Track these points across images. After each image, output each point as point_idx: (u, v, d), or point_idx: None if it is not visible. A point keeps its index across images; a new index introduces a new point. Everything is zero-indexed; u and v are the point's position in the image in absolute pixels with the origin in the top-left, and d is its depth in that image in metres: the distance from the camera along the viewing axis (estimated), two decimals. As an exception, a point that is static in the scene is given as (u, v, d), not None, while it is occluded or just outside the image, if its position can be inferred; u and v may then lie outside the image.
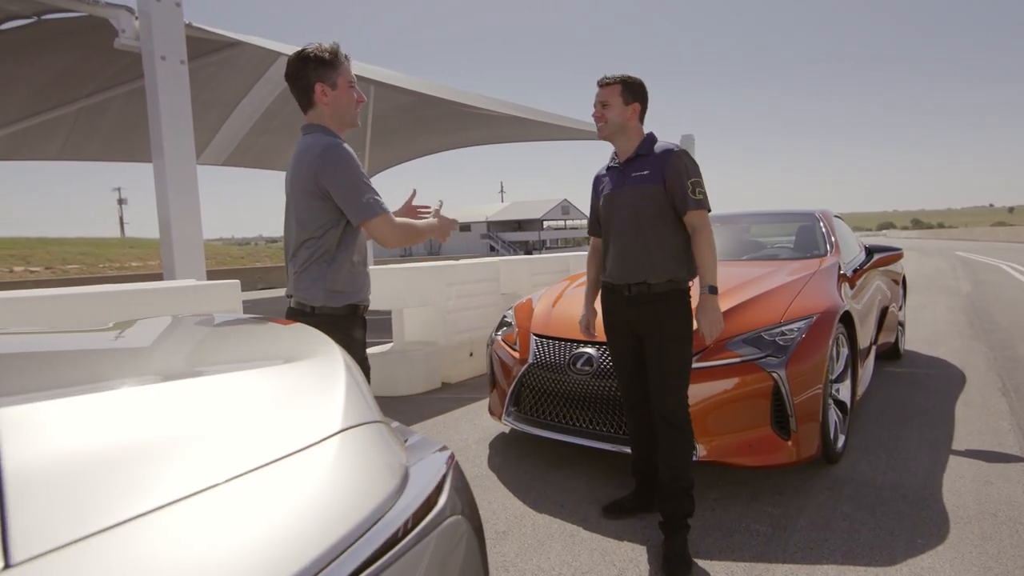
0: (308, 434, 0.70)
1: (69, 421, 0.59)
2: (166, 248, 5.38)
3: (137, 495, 0.54)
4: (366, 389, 0.93)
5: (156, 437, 0.62)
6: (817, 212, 4.60)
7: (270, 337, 1.10)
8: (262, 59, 10.71)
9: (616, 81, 2.41)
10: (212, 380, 0.76)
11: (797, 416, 2.67)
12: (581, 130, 15.06)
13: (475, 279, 5.55)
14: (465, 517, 0.77)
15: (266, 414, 0.73)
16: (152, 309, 3.38)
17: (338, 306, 1.97)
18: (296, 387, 0.83)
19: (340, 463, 0.68)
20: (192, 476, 0.58)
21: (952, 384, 4.49)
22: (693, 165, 2.37)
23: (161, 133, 5.16)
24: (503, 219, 68.32)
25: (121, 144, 14.06)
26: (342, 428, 0.74)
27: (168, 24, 5.13)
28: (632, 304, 2.41)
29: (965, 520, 2.46)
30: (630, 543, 2.39)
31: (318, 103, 1.93)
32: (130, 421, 0.63)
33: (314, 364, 0.92)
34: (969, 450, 3.20)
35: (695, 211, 2.33)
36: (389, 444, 0.79)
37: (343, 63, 1.93)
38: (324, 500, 0.63)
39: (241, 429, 0.68)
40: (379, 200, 1.89)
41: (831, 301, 3.11)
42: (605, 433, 2.93)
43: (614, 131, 2.44)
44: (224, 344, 1.04)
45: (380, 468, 0.72)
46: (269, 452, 0.65)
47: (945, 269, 15.88)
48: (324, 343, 1.05)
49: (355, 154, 1.90)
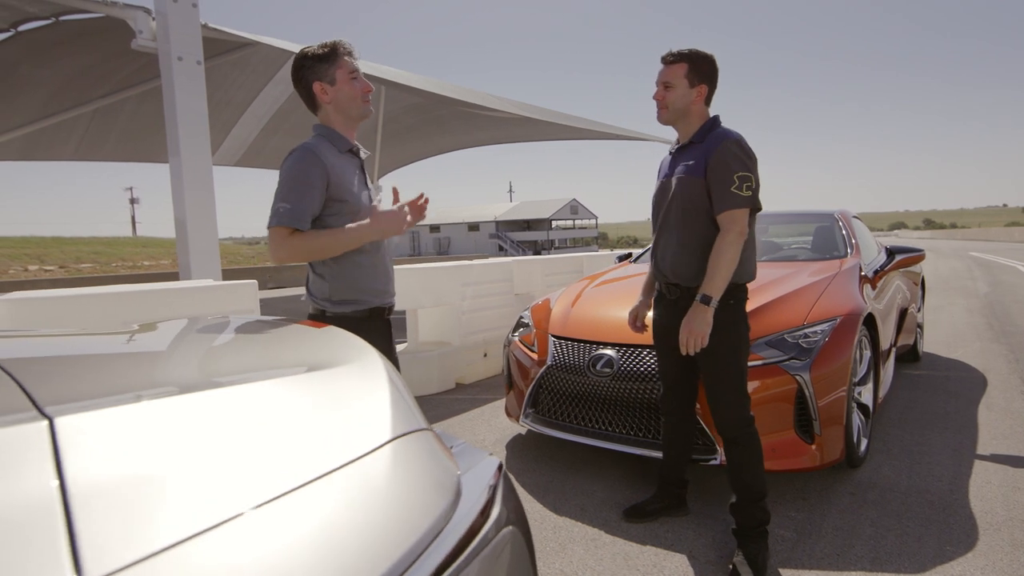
0: (359, 444, 0.69)
1: (127, 430, 0.58)
2: (182, 248, 5.40)
3: (198, 509, 0.52)
4: (409, 395, 0.91)
5: (212, 448, 0.61)
6: (836, 212, 4.55)
7: (306, 342, 1.09)
8: (275, 59, 10.75)
9: (682, 58, 2.15)
10: (258, 388, 0.75)
11: (821, 420, 2.63)
12: (591, 130, 15.02)
13: (489, 279, 5.54)
14: (517, 527, 0.76)
15: (315, 423, 0.72)
16: (171, 309, 3.39)
17: (348, 311, 1.91)
18: (340, 395, 0.81)
19: (394, 474, 0.67)
20: (249, 490, 0.56)
21: (973, 387, 4.43)
22: (744, 156, 2.12)
23: (178, 133, 5.18)
24: (512, 218, 68.30)
25: (135, 144, 14.17)
26: (392, 437, 0.73)
27: (185, 25, 5.15)
28: (675, 309, 2.30)
29: (994, 527, 2.42)
30: (653, 547, 2.37)
31: (320, 102, 1.89)
32: (185, 430, 0.62)
33: (354, 370, 0.91)
34: (994, 455, 3.15)
35: (735, 210, 2.09)
36: (439, 453, 0.78)
37: (341, 56, 1.86)
38: (381, 515, 0.61)
39: (293, 440, 0.67)
40: (282, 210, 1.73)
41: (854, 303, 3.07)
42: (626, 436, 2.91)
43: (676, 116, 2.22)
44: (262, 349, 1.02)
45: (434, 479, 0.71)
46: (322, 464, 0.63)
47: (961, 269, 15.70)
48: (361, 347, 1.04)
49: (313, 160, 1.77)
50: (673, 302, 2.33)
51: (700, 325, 2.10)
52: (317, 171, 1.78)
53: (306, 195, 1.76)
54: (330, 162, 1.82)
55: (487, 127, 15.51)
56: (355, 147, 1.96)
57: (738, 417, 2.24)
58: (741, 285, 2.24)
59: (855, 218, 4.70)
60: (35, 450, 0.52)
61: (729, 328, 2.18)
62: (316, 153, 1.80)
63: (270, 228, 1.78)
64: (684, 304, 2.26)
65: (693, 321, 2.11)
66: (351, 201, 1.86)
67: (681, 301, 2.29)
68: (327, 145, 1.87)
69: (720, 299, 2.15)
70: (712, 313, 2.11)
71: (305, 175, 1.77)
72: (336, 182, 1.82)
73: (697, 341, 2.10)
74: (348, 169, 1.89)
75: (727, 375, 2.22)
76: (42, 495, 0.48)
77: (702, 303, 2.11)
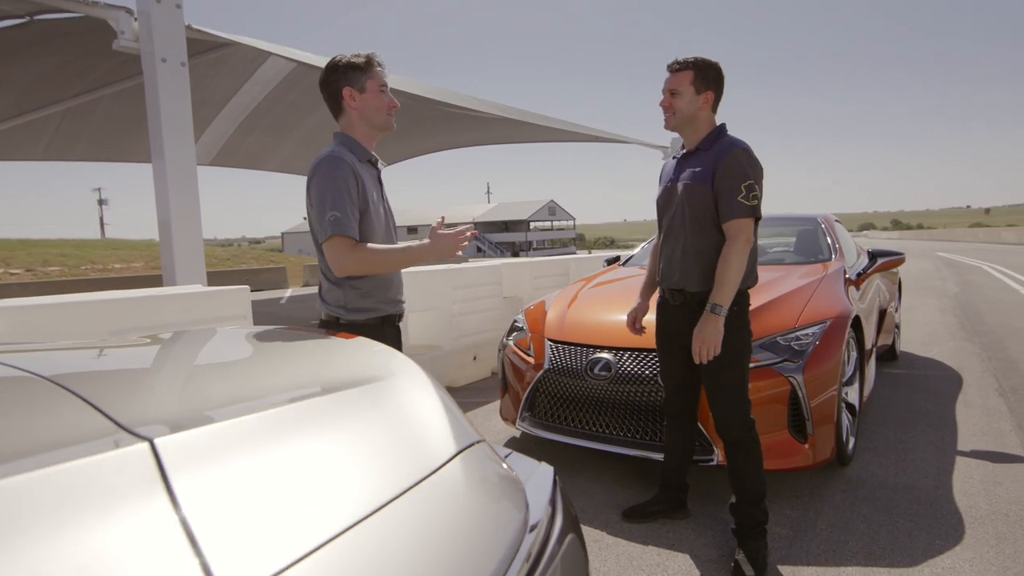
0: (430, 459, 0.71)
1: (224, 449, 0.60)
2: (166, 251, 5.32)
3: (306, 526, 0.54)
4: (456, 407, 0.93)
5: (300, 463, 0.63)
6: (819, 217, 4.67)
7: (348, 354, 1.10)
8: (253, 59, 10.62)
9: (688, 66, 2.19)
10: (327, 402, 0.76)
11: (813, 420, 2.71)
12: (572, 132, 15.11)
13: (479, 282, 5.55)
14: (576, 534, 0.78)
15: (388, 437, 0.74)
16: (161, 316, 3.35)
17: (361, 319, 1.92)
18: (401, 408, 0.83)
19: (469, 485, 0.69)
20: (352, 502, 0.58)
21: (950, 385, 4.58)
22: (751, 166, 2.16)
23: (161, 135, 5.10)
24: (490, 220, 68.31)
25: (108, 144, 13.87)
26: (459, 449, 0.75)
27: (169, 26, 5.07)
28: (679, 314, 2.35)
29: (979, 520, 2.52)
30: (655, 547, 2.41)
31: (347, 107, 1.91)
32: (273, 447, 0.64)
33: (403, 383, 0.92)
34: (974, 451, 3.27)
35: (741, 219, 2.15)
36: (499, 463, 0.80)
37: (375, 68, 1.91)
38: (464, 526, 0.63)
39: (373, 452, 0.69)
40: (340, 218, 1.75)
41: (842, 306, 3.16)
42: (624, 438, 2.95)
43: (683, 122, 2.25)
44: (311, 362, 1.03)
45: (504, 488, 0.73)
46: (403, 477, 0.65)
47: (930, 270, 16.16)
48: (401, 360, 1.06)
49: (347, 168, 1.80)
50: (677, 307, 2.38)
51: (712, 334, 2.15)
52: (352, 180, 1.81)
53: (349, 203, 1.79)
54: (356, 170, 1.85)
55: (468, 129, 15.50)
56: (374, 158, 1.99)
57: (740, 420, 2.29)
58: (744, 291, 2.29)
59: (836, 221, 4.83)
60: (143, 473, 0.53)
61: (733, 333, 2.22)
62: (345, 160, 1.83)
63: (328, 238, 1.78)
64: (688, 309, 2.31)
65: (705, 330, 2.16)
66: (371, 211, 1.88)
67: (685, 306, 2.34)
68: (348, 153, 1.89)
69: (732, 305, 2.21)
70: (723, 321, 2.16)
71: (344, 183, 1.79)
72: (362, 190, 1.85)
73: (710, 349, 2.15)
74: (368, 179, 1.92)
75: (730, 379, 2.27)
76: (163, 519, 0.50)
77: (713, 312, 2.15)
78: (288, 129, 14.54)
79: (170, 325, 3.36)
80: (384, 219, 1.97)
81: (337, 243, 1.78)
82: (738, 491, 2.30)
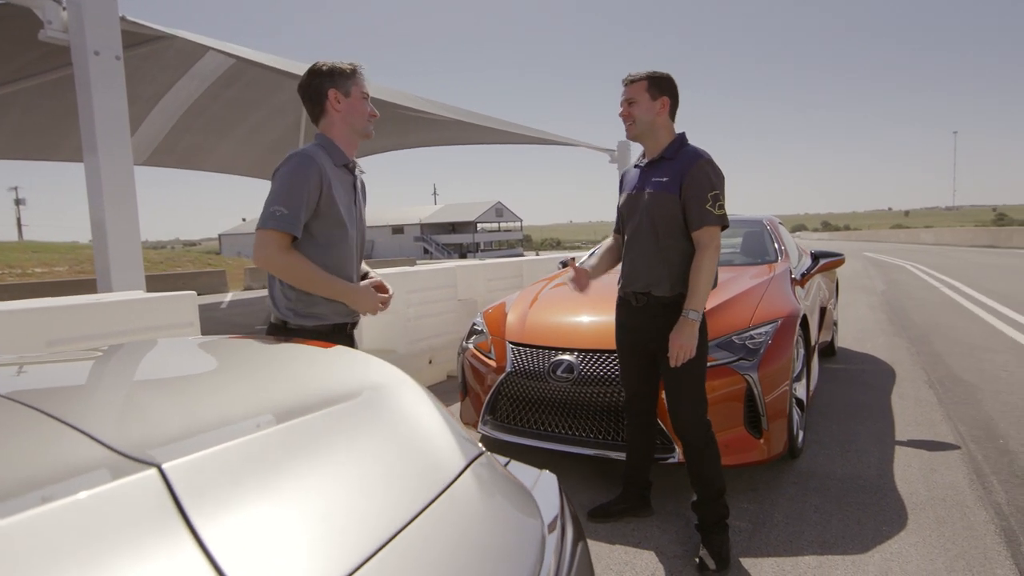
0: (442, 473, 0.69)
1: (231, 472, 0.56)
2: (100, 255, 5.01)
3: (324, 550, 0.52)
4: (452, 417, 0.92)
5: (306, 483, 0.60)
6: (764, 219, 4.86)
7: (331, 365, 1.06)
8: (189, 53, 10.18)
9: (641, 77, 2.28)
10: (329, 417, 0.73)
11: (768, 415, 2.81)
12: (521, 135, 15.18)
13: (434, 286, 5.50)
14: (584, 541, 0.78)
15: (395, 453, 0.72)
16: (103, 325, 3.15)
17: (310, 324, 1.89)
18: (401, 421, 0.81)
19: (483, 497, 0.68)
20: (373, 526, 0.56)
21: (885, 379, 4.85)
22: (717, 176, 2.26)
23: (95, 132, 4.80)
24: (437, 221, 67.86)
25: (28, 141, 13.00)
26: (468, 461, 0.73)
27: (102, 16, 4.77)
28: (641, 315, 2.42)
29: (920, 506, 2.67)
30: (622, 546, 2.45)
31: (330, 110, 1.90)
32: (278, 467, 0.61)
33: (400, 394, 0.90)
34: (911, 440, 3.48)
35: (711, 227, 2.24)
36: (505, 473, 0.79)
37: (359, 76, 1.92)
38: (487, 541, 0.62)
39: (385, 470, 0.67)
40: (286, 216, 1.74)
41: (792, 305, 3.30)
42: (586, 439, 2.98)
43: (643, 130, 2.31)
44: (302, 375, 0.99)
45: (515, 498, 0.72)
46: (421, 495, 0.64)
47: (859, 269, 17.09)
48: (391, 370, 1.03)
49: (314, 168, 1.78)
50: (639, 309, 2.43)
51: (688, 338, 2.23)
52: (316, 178, 1.79)
53: (303, 202, 1.77)
54: (325, 172, 1.83)
55: (415, 130, 15.34)
56: (351, 163, 1.98)
57: (698, 420, 2.36)
58: None
59: (780, 224, 5.04)
60: (156, 500, 0.50)
61: (699, 335, 2.30)
62: (315, 160, 1.81)
63: (263, 230, 1.76)
64: (651, 311, 2.38)
65: (682, 335, 2.23)
66: (335, 216, 1.86)
67: (648, 309, 2.39)
68: (324, 155, 1.87)
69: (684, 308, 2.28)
70: (698, 326, 2.25)
71: (304, 181, 1.77)
72: (327, 193, 1.82)
73: (685, 353, 2.23)
74: (341, 183, 1.90)
75: (689, 380, 2.34)
76: (182, 547, 0.47)
77: (689, 318, 2.24)
78: (227, 128, 14.00)
79: (114, 335, 3.17)
80: (353, 226, 1.94)
81: (270, 236, 1.76)
82: (699, 488, 2.36)
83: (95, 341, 3.06)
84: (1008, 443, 3.36)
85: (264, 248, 1.76)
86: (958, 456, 3.22)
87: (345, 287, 1.87)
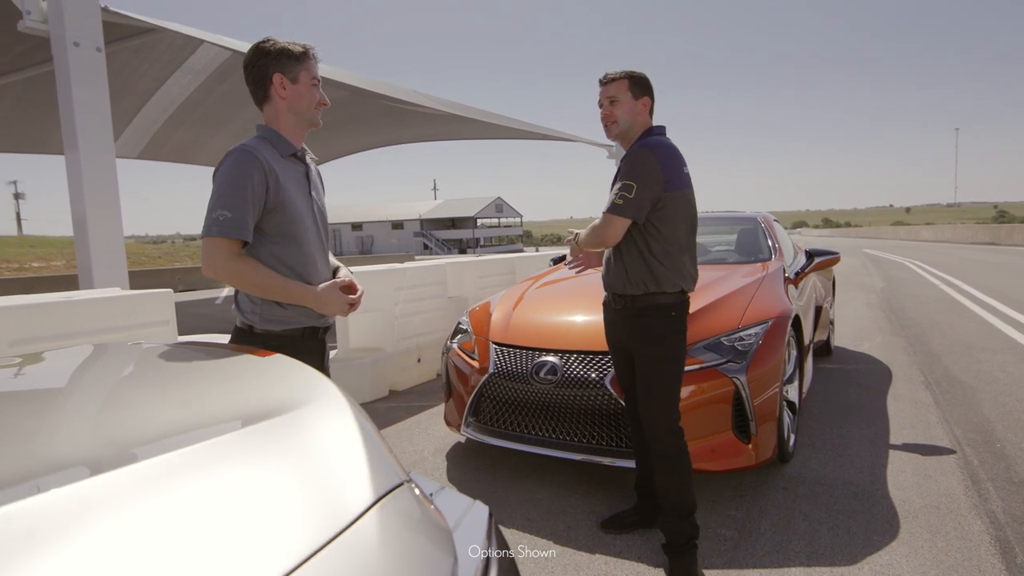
0: (342, 511, 0.60)
1: (90, 511, 0.47)
2: (82, 250, 4.91)
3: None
4: (380, 439, 0.83)
5: (178, 527, 0.51)
6: (759, 216, 4.76)
7: (257, 378, 0.97)
8: (182, 46, 10.05)
9: (622, 76, 2.23)
10: (216, 447, 0.64)
11: (757, 419, 2.72)
12: (519, 130, 15.07)
13: (423, 283, 5.41)
14: (513, 584, 0.69)
15: (290, 488, 0.62)
16: (73, 324, 3.06)
17: (278, 329, 1.76)
18: (311, 446, 0.72)
19: (385, 544, 0.59)
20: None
21: (881, 379, 4.76)
22: (638, 166, 2.15)
23: (75, 126, 4.69)
24: (436, 216, 67.71)
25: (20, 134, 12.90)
26: (376, 498, 0.64)
27: (81, 6, 4.67)
28: (621, 318, 2.34)
29: (912, 514, 2.58)
30: (603, 556, 2.36)
31: (275, 96, 1.75)
32: (160, 500, 0.52)
33: (319, 413, 0.81)
34: (905, 444, 3.39)
35: (607, 213, 2.17)
36: (425, 508, 0.70)
37: (311, 60, 1.77)
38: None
39: (268, 511, 0.57)
40: (230, 219, 1.61)
41: (783, 306, 3.20)
42: (570, 443, 2.89)
43: (625, 130, 2.26)
44: (206, 391, 0.90)
45: (427, 543, 0.63)
46: (304, 542, 0.54)
47: (858, 266, 16.98)
48: (319, 384, 0.94)
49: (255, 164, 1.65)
50: (617, 311, 2.35)
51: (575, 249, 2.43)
52: (258, 175, 1.65)
53: (247, 202, 1.63)
54: (270, 166, 1.68)
55: (414, 124, 15.22)
56: (299, 151, 1.82)
57: (668, 427, 2.24)
58: (685, 298, 2.28)
59: (775, 221, 4.94)
60: None
61: (670, 336, 2.23)
62: (256, 155, 1.66)
63: (208, 237, 1.62)
64: (627, 313, 2.31)
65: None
66: (289, 209, 1.72)
67: (624, 309, 2.32)
68: (268, 147, 1.73)
69: (663, 310, 2.24)
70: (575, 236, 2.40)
71: (246, 179, 1.63)
72: (275, 187, 1.68)
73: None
74: (290, 175, 1.75)
75: (661, 381, 2.24)
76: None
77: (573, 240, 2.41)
78: (222, 122, 13.87)
79: (83, 335, 3.08)
80: (311, 217, 1.80)
81: (217, 244, 1.62)
82: (666, 505, 2.24)
83: (63, 341, 2.97)
84: (1005, 447, 3.27)
85: (211, 257, 1.63)
86: (953, 461, 3.13)
87: (305, 291, 1.73)
